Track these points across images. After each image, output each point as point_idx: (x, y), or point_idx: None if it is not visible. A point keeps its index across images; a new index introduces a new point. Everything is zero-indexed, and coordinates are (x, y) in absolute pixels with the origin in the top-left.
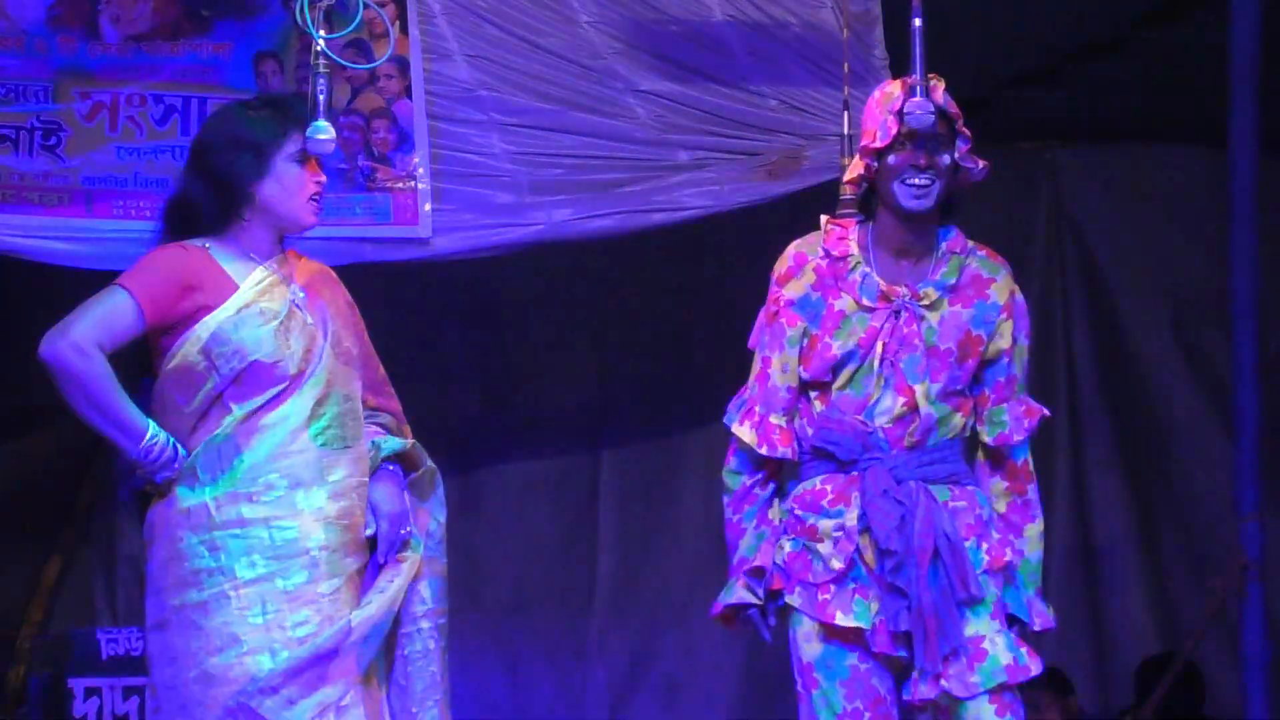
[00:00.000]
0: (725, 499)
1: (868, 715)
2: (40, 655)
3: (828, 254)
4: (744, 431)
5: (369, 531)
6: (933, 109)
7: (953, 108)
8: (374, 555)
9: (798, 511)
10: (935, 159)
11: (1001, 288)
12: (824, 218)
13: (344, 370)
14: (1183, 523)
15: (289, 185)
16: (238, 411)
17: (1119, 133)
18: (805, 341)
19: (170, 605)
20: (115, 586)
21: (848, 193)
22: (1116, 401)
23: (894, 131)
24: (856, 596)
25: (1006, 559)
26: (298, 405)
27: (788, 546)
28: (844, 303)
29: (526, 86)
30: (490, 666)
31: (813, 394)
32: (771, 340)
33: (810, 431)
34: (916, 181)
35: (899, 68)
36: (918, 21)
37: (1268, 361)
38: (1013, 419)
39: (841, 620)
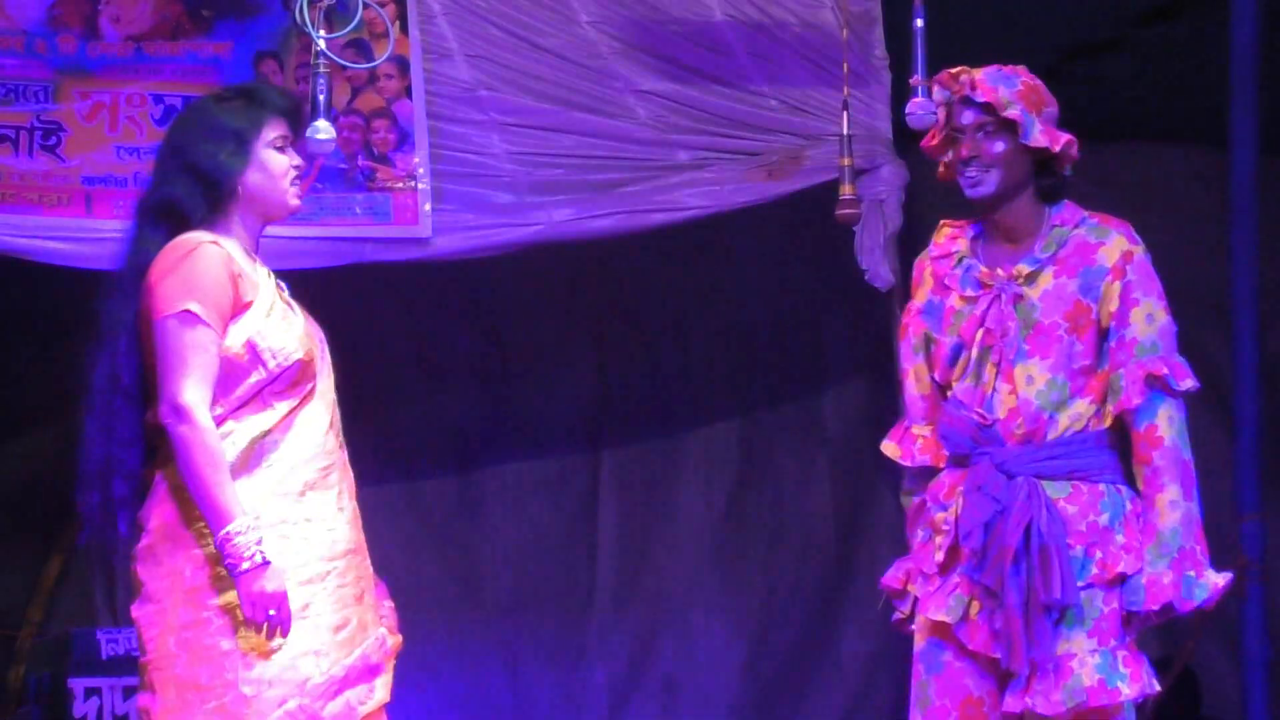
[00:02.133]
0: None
1: (954, 715)
2: (40, 655)
3: (936, 256)
4: (889, 448)
5: None
6: (933, 109)
7: (985, 94)
8: None
9: (928, 503)
10: (983, 148)
11: (1111, 250)
12: (942, 220)
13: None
14: None
15: (273, 172)
16: (280, 408)
17: (1118, 132)
18: (932, 346)
19: (209, 604)
20: (115, 587)
21: (847, 193)
22: None
23: (941, 129)
24: (957, 591)
25: (1120, 569)
26: (322, 404)
27: (920, 535)
28: (952, 299)
29: (527, 86)
30: (489, 667)
31: (949, 395)
32: (904, 352)
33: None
34: (968, 173)
35: (899, 68)
36: (920, 22)
37: (1267, 361)
38: (1128, 383)
39: (933, 615)
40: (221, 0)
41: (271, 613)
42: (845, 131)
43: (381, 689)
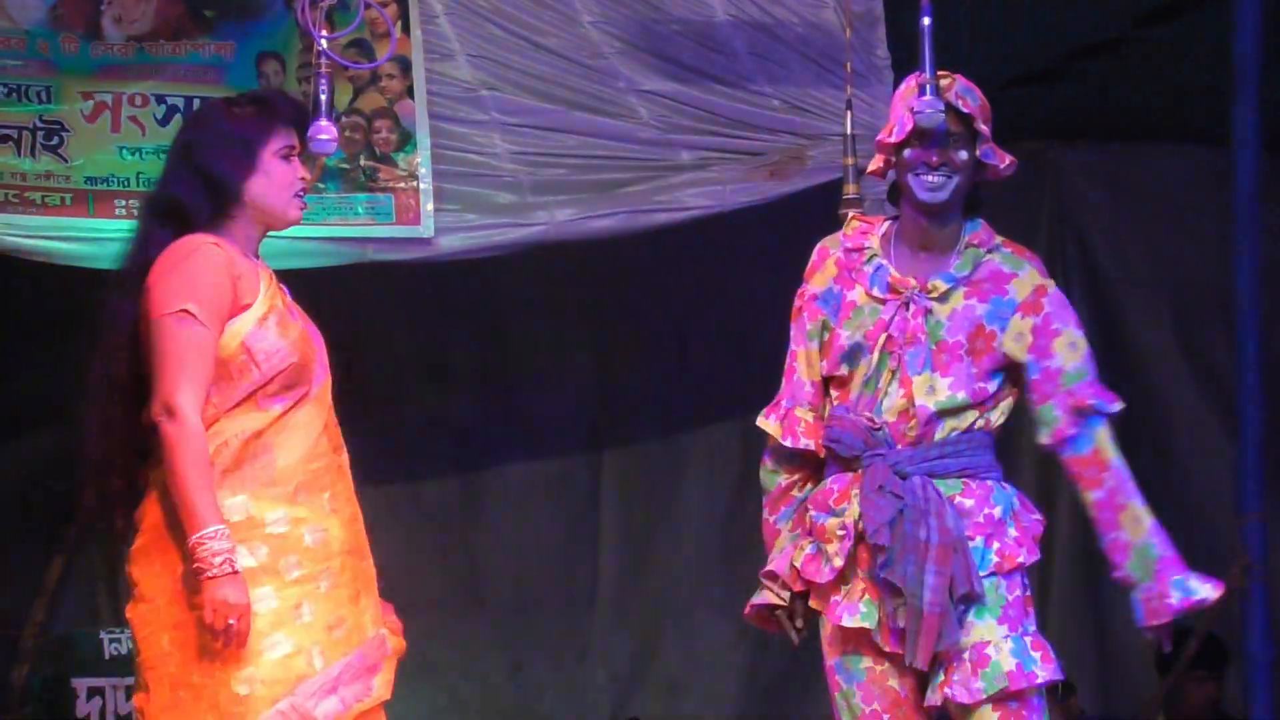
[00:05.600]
0: (764, 499)
1: (886, 717)
2: (43, 655)
3: (847, 247)
4: (769, 424)
5: None
6: (942, 107)
7: (967, 105)
8: None
9: (811, 512)
10: (950, 155)
11: (1023, 283)
12: (852, 213)
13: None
14: (1184, 522)
15: (277, 181)
16: (274, 409)
17: (1120, 131)
18: (826, 335)
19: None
20: (118, 586)
21: (851, 192)
22: None
23: (908, 127)
24: (865, 596)
25: (1020, 560)
26: (317, 408)
27: (807, 548)
28: (856, 294)
29: (528, 86)
30: (492, 666)
31: (833, 391)
32: (796, 334)
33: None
34: (930, 178)
35: (901, 67)
36: (927, 21)
37: (1270, 361)
38: (1061, 413)
39: (847, 621)
40: (224, 0)
41: (231, 622)
42: (848, 131)
43: (381, 687)
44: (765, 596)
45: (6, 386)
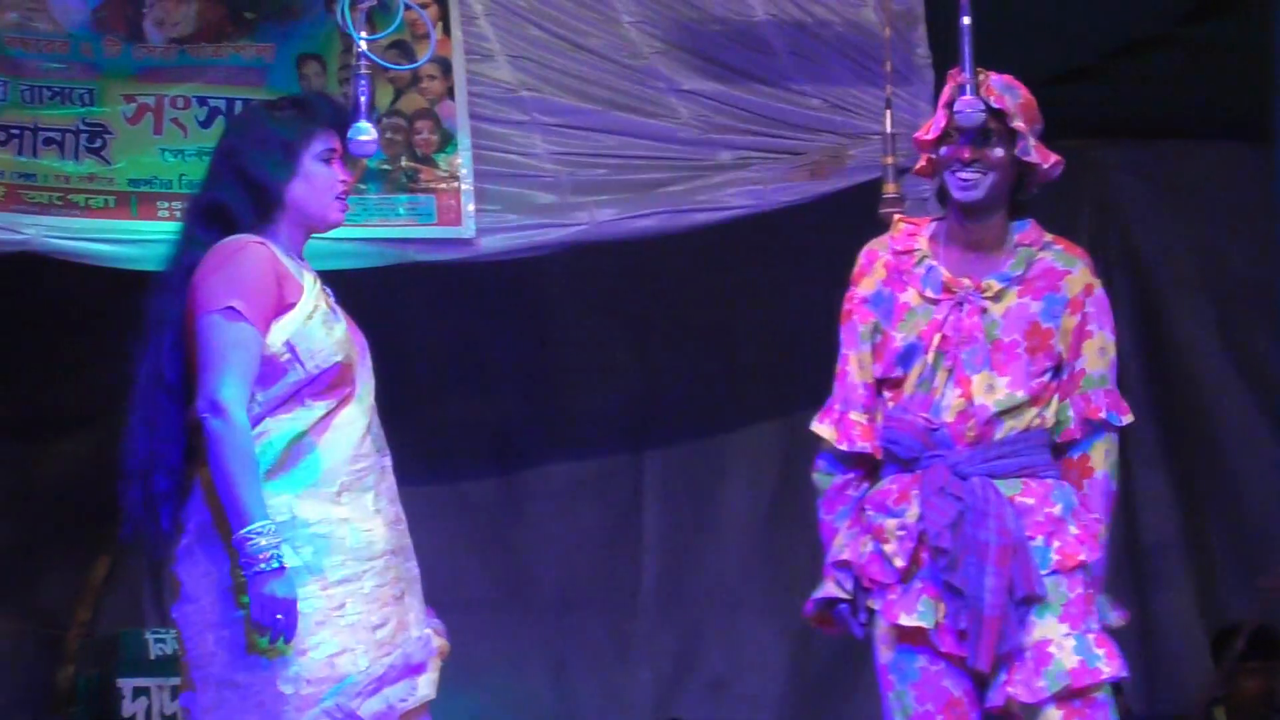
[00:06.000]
0: (818, 502)
1: (940, 718)
2: (88, 655)
3: (896, 250)
4: (824, 429)
5: None
6: (982, 107)
7: (1001, 102)
8: None
9: (869, 512)
10: (985, 152)
11: (1075, 281)
12: (897, 215)
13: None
14: (1231, 521)
15: (318, 185)
16: (318, 409)
17: (1163, 129)
18: (878, 337)
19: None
20: (163, 587)
21: (891, 191)
22: (1163, 400)
23: (942, 125)
24: (924, 596)
25: (1081, 558)
26: (360, 409)
27: (868, 547)
28: (909, 295)
29: (569, 87)
30: (535, 667)
31: (886, 393)
32: (847, 338)
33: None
34: (964, 175)
35: (942, 66)
36: (966, 20)
37: None
38: (1074, 415)
39: (905, 620)
40: (264, 2)
41: (279, 618)
42: (889, 130)
43: (426, 686)
44: (829, 589)
45: (51, 387)
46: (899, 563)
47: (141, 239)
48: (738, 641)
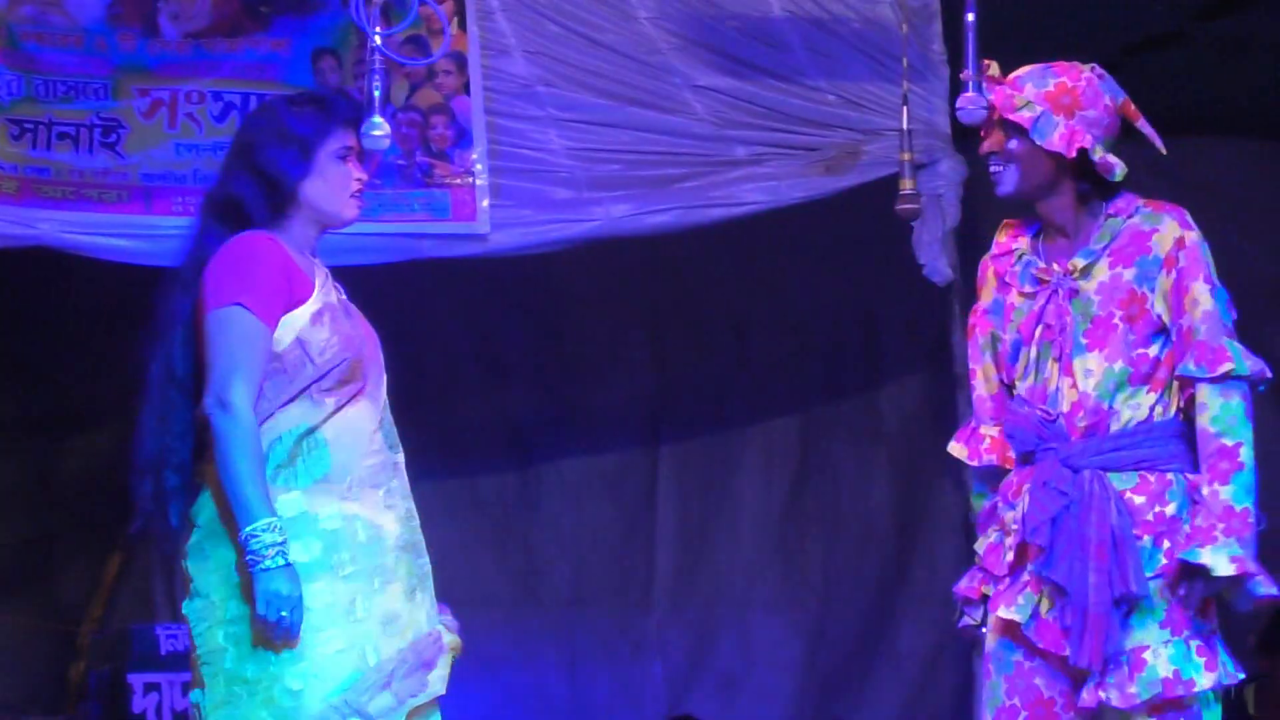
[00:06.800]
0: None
1: (1024, 715)
2: (100, 651)
3: (996, 254)
4: (957, 448)
5: None
6: (982, 103)
7: (997, 95)
8: None
9: (998, 504)
10: (1000, 144)
11: (1164, 237)
12: (1004, 220)
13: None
14: None
15: (333, 182)
16: (328, 404)
17: (1177, 126)
18: (998, 346)
19: None
20: (174, 583)
21: (907, 187)
22: None
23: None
24: (1026, 590)
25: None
26: (371, 404)
27: (992, 536)
28: (1012, 296)
29: (584, 82)
30: (548, 661)
31: (1014, 393)
32: (972, 352)
33: None
34: (991, 170)
35: (958, 63)
36: (971, 16)
37: None
38: (1195, 367)
39: (1003, 613)
40: None
41: (284, 614)
42: (905, 126)
43: (436, 682)
44: (964, 621)
45: (63, 383)
46: (1008, 556)
47: (156, 234)
48: (751, 636)
